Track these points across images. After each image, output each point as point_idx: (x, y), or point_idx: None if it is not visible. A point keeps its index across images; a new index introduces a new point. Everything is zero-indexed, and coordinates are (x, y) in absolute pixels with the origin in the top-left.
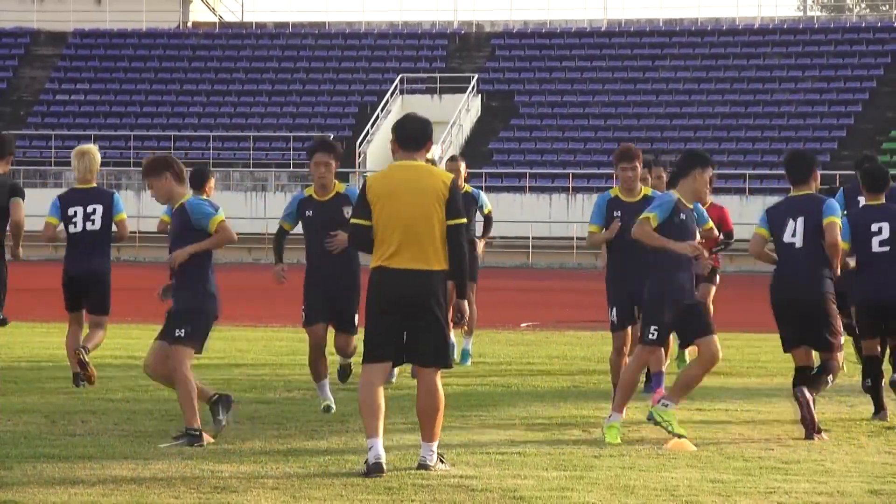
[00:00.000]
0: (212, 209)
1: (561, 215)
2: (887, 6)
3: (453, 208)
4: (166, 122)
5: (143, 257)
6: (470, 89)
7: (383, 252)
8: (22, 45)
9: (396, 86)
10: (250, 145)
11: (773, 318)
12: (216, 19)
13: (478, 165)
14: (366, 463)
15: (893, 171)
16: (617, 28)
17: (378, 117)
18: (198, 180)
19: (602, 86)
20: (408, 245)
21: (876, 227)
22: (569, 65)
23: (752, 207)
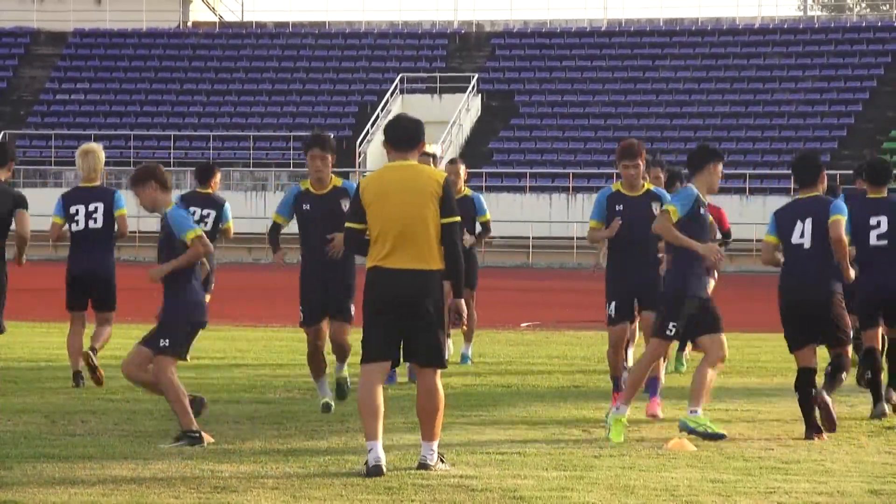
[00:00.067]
0: (189, 222)
1: (561, 215)
2: (887, 6)
3: (447, 207)
4: (166, 121)
5: (144, 257)
6: (470, 89)
7: (378, 252)
8: (22, 44)
9: (396, 86)
10: (250, 145)
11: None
12: (216, 19)
13: (478, 165)
14: (365, 464)
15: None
16: (617, 28)
17: (378, 117)
18: (203, 175)
19: (602, 86)
20: (402, 245)
21: (874, 221)
22: (569, 65)
23: (752, 207)
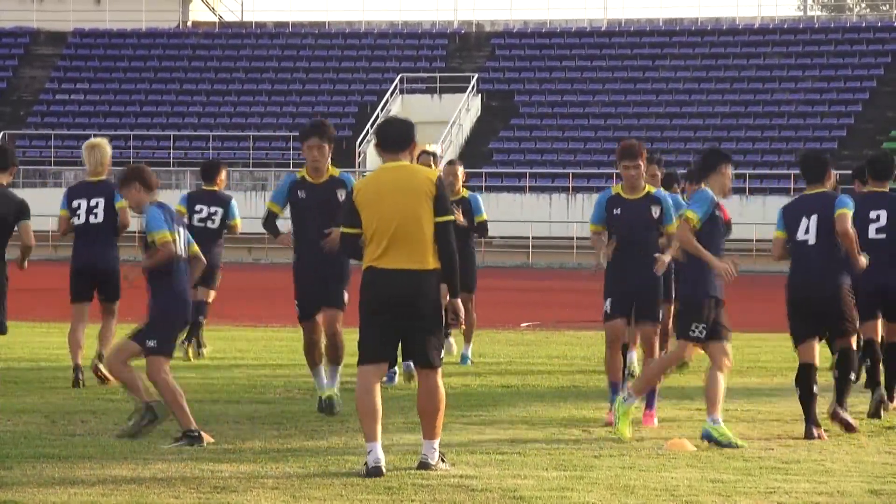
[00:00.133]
0: (160, 224)
1: (561, 215)
2: (887, 6)
3: (441, 205)
4: (166, 121)
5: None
6: (470, 89)
7: (373, 252)
8: (22, 45)
9: (396, 86)
10: (250, 145)
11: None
12: (216, 19)
13: (478, 165)
14: (365, 465)
15: None
16: (617, 28)
17: (378, 117)
18: (209, 173)
19: (602, 86)
20: (397, 245)
21: (874, 215)
22: (569, 65)
23: (752, 207)
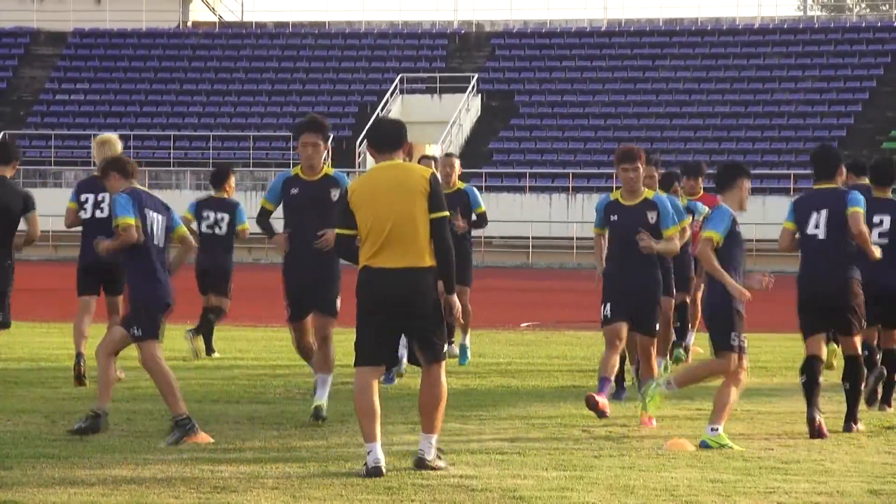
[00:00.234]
0: (125, 210)
1: (561, 215)
2: (887, 6)
3: (435, 202)
4: (166, 122)
5: None
6: (470, 89)
7: (368, 252)
8: (22, 45)
9: (396, 86)
10: (250, 145)
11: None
12: (216, 19)
13: (478, 165)
14: (365, 465)
15: None
16: (617, 28)
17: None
18: (217, 180)
19: (602, 86)
20: (392, 244)
21: (878, 219)
22: (569, 65)
23: (752, 207)
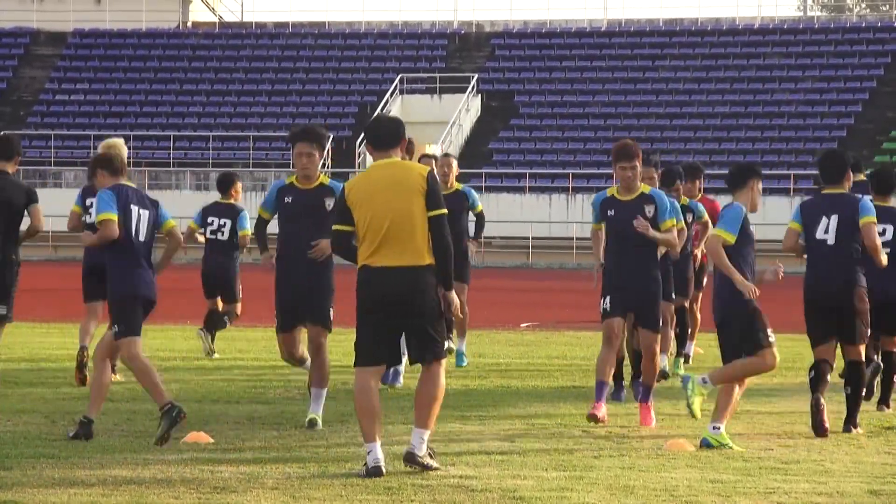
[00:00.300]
0: (106, 206)
1: (561, 215)
2: (887, 6)
3: (433, 200)
4: (166, 122)
5: None
6: (470, 89)
7: (366, 251)
8: (22, 45)
9: (396, 86)
10: (250, 145)
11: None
12: (216, 19)
13: (478, 165)
14: (365, 465)
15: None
16: (617, 28)
17: None
18: (223, 186)
19: (602, 86)
20: (390, 242)
21: (880, 229)
22: (569, 65)
23: None
